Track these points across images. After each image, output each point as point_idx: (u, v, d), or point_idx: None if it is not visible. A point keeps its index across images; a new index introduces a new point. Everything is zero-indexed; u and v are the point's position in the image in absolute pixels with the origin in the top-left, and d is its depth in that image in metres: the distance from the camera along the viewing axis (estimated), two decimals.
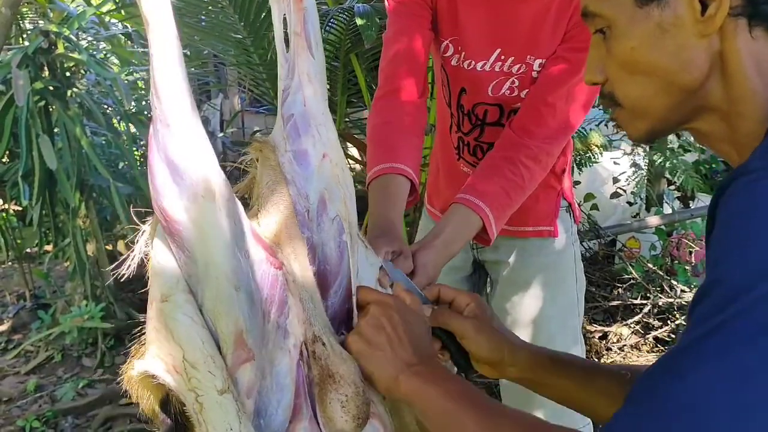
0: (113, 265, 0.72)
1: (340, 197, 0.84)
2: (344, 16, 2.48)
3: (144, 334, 0.74)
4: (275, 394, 0.74)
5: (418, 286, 1.02)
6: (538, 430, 0.69)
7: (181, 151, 0.68)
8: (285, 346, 0.75)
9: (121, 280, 0.74)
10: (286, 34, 0.84)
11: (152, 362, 0.68)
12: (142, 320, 0.74)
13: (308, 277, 0.79)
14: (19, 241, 3.61)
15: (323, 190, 0.84)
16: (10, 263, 3.86)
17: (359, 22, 2.17)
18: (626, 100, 0.72)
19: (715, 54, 0.65)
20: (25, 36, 3.87)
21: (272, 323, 0.75)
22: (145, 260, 0.72)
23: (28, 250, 3.82)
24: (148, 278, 0.72)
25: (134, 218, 0.75)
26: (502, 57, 1.33)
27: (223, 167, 0.80)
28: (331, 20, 2.54)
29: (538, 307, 1.54)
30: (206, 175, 0.69)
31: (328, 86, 3.27)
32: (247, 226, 0.75)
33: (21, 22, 3.88)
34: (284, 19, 0.83)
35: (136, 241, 0.72)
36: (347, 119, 3.28)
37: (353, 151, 3.62)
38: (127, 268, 0.71)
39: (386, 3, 1.39)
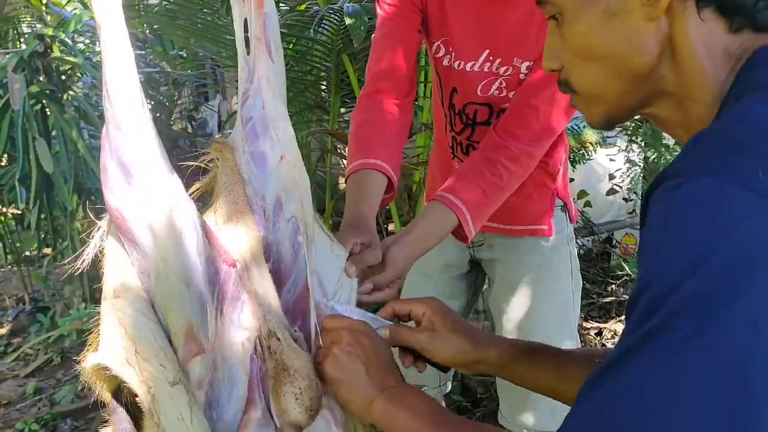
0: (69, 259, 0.76)
1: (296, 198, 0.86)
2: (335, 17, 2.49)
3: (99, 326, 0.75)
4: (227, 387, 0.76)
5: (386, 280, 1.05)
6: None
7: (131, 152, 0.71)
8: (238, 340, 0.77)
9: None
10: (247, 37, 0.85)
11: (106, 355, 0.70)
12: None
13: (264, 274, 0.80)
14: (17, 245, 3.62)
15: (280, 191, 0.85)
16: (8, 267, 3.87)
17: (348, 21, 2.18)
18: (580, 87, 0.72)
19: (664, 37, 0.64)
20: (22, 40, 3.89)
21: (225, 318, 0.77)
22: (100, 257, 0.75)
23: (27, 253, 3.83)
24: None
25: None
26: (491, 58, 1.34)
27: (188, 167, 0.83)
28: (323, 21, 2.55)
29: (533, 305, 1.55)
30: (156, 175, 0.72)
31: (323, 86, 3.29)
32: (200, 225, 0.77)
33: (18, 26, 3.90)
34: (245, 22, 0.85)
35: (91, 237, 0.75)
36: (340, 119, 3.29)
37: (347, 151, 3.62)
38: (82, 263, 0.74)
39: (376, 5, 1.40)
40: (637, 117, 0.97)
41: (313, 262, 0.88)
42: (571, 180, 3.42)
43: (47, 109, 3.02)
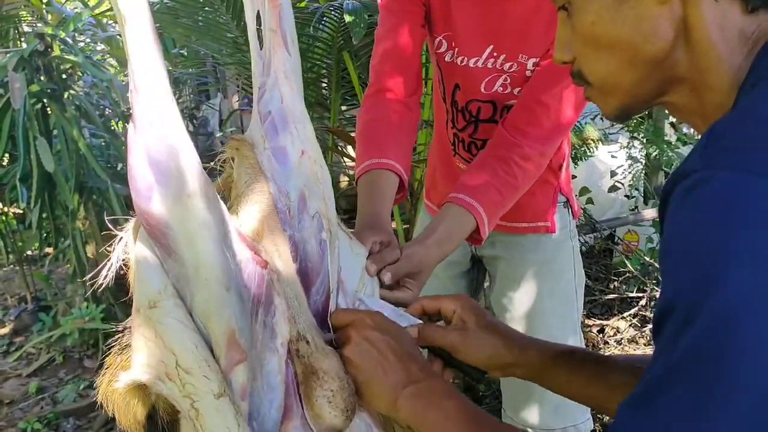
0: (94, 272, 0.69)
1: (319, 194, 0.83)
2: (336, 14, 2.48)
3: (118, 344, 0.71)
4: (267, 395, 0.72)
5: (400, 270, 1.01)
6: None
7: (165, 150, 0.65)
8: (273, 345, 0.73)
9: (122, 282, 0.71)
10: (258, 31, 0.82)
11: (142, 372, 0.65)
12: (118, 329, 0.71)
13: (292, 275, 0.77)
14: (19, 244, 3.62)
15: (303, 187, 0.82)
16: (11, 266, 3.87)
17: (348, 18, 2.16)
18: (593, 77, 0.70)
19: (678, 21, 0.62)
20: (22, 39, 3.89)
21: (260, 323, 0.72)
22: (124, 266, 0.70)
23: (29, 252, 3.84)
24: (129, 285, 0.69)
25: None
26: (495, 54, 1.31)
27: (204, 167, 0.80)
28: (323, 18, 2.54)
29: (536, 303, 1.54)
30: (191, 173, 0.66)
31: (324, 84, 3.28)
32: (231, 225, 0.72)
33: (18, 25, 3.89)
34: (257, 16, 0.82)
35: (113, 247, 0.69)
36: (341, 117, 3.29)
37: (348, 149, 3.63)
38: (105, 278, 0.68)
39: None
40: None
41: (337, 259, 0.84)
42: (573, 177, 3.42)
43: (48, 108, 3.01)
